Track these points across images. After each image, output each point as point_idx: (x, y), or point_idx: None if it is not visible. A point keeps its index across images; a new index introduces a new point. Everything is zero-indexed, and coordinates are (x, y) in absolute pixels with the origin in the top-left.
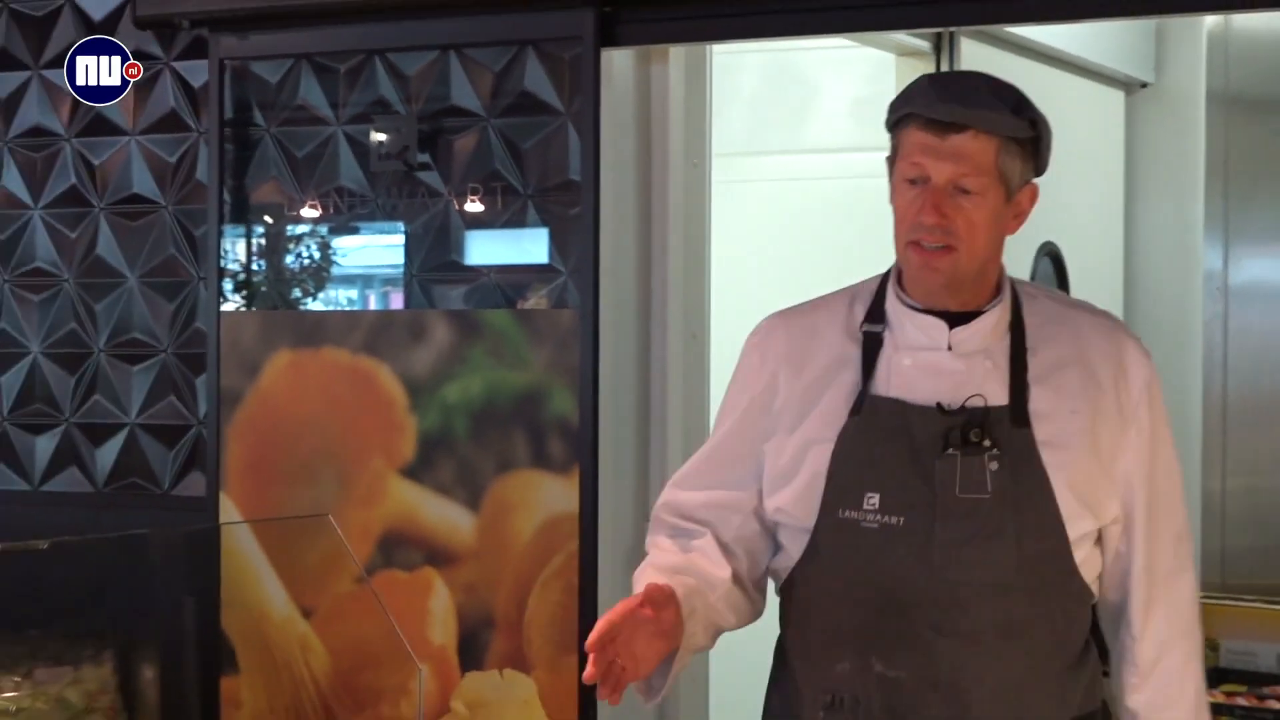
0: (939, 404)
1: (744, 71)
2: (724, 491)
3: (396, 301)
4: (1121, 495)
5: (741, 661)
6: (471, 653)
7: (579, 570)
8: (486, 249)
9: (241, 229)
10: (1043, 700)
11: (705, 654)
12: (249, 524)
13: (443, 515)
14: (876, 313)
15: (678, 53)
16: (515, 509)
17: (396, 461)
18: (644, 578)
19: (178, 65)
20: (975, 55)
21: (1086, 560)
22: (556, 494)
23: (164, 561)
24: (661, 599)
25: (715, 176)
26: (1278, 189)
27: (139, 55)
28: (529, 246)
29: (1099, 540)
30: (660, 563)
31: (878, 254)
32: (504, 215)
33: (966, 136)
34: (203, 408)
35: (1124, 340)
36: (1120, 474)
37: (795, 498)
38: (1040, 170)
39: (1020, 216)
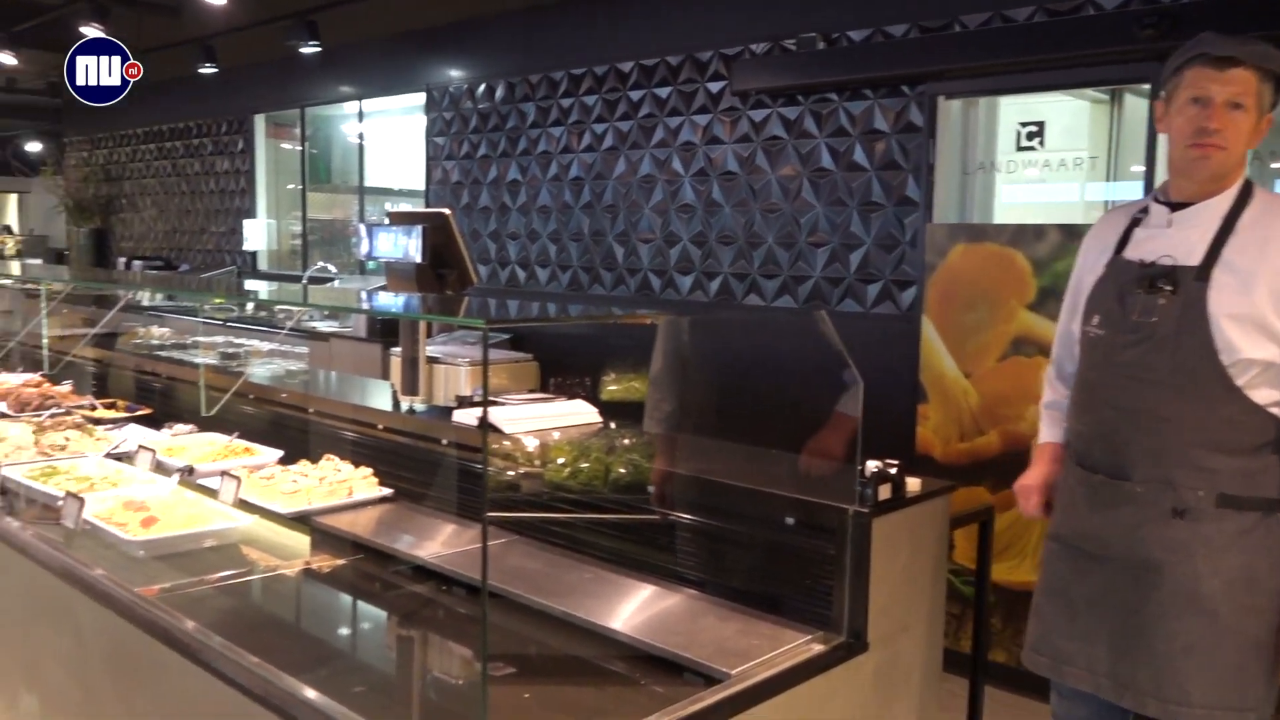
0: (1140, 260)
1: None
2: (1063, 326)
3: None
4: None
5: None
6: None
7: None
8: None
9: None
10: (1186, 471)
11: None
12: (929, 327)
13: (1050, 328)
14: (1144, 211)
15: None
16: None
17: (1024, 301)
18: (1042, 437)
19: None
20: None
21: (1255, 382)
22: None
23: (900, 342)
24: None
25: None
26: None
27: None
28: None
29: None
30: (1045, 433)
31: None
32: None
33: (1239, 69)
34: (908, 278)
35: None
36: None
37: (1069, 319)
38: (1275, 105)
39: (1261, 134)
